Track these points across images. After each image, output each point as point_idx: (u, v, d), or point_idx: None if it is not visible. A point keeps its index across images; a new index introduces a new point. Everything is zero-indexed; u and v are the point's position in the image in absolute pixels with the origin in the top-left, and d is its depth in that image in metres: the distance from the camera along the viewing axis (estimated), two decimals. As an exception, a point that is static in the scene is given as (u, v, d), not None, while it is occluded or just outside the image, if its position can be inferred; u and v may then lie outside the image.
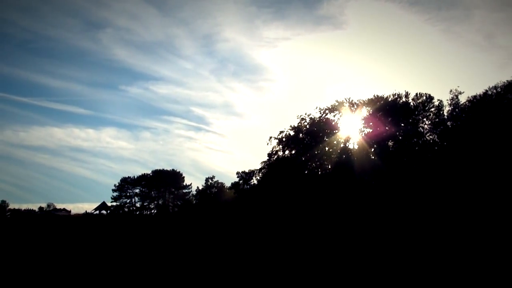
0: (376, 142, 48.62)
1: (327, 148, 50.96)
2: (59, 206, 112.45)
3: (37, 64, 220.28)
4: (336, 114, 51.77)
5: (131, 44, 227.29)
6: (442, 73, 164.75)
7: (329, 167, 51.24)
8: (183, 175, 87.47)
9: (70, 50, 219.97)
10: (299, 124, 53.41)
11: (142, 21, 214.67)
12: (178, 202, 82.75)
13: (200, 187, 75.80)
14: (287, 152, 54.88)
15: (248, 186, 63.67)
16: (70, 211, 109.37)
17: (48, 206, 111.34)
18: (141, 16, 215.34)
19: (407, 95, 49.28)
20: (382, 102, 49.93)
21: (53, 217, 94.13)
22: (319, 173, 52.47)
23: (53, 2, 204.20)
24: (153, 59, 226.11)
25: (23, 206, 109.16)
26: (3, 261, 51.30)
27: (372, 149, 49.07)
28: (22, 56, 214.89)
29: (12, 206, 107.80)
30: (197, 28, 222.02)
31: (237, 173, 65.41)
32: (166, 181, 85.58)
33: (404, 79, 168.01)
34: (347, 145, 50.20)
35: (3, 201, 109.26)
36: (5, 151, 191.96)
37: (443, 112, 47.51)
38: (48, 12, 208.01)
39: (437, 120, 47.33)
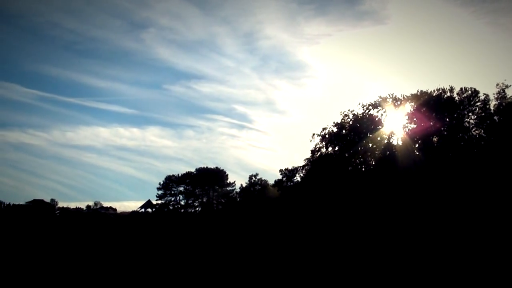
0: (420, 137, 49.35)
1: (370, 144, 52.03)
2: (106, 204, 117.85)
3: (83, 65, 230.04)
4: (379, 110, 52.73)
5: (174, 44, 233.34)
6: (488, 66, 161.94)
7: (373, 163, 52.34)
8: (227, 173, 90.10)
9: (115, 51, 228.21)
10: (342, 120, 54.68)
11: (184, 21, 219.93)
12: (222, 200, 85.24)
13: (244, 185, 78.32)
14: (330, 148, 56.15)
15: (291, 183, 65.33)
16: (116, 209, 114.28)
17: (95, 204, 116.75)
18: (183, 15, 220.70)
19: (451, 89, 49.69)
20: (426, 97, 50.50)
21: (100, 215, 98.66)
22: (363, 169, 53.66)
23: (98, 3, 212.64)
24: (195, 58, 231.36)
25: (72, 205, 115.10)
26: (54, 258, 55.11)
27: (416, 145, 49.85)
28: (69, 57, 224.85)
29: (61, 204, 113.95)
30: (239, 26, 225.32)
31: (280, 170, 67.25)
32: (210, 179, 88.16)
33: (449, 74, 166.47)
34: (390, 141, 51.11)
35: (52, 200, 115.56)
36: (53, 151, 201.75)
37: (489, 106, 47.65)
38: (93, 13, 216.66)
39: (483, 114, 47.51)
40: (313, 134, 56.62)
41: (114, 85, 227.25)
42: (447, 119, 48.78)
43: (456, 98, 49.07)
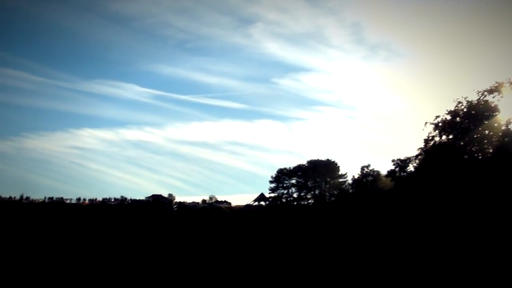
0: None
1: (486, 132, 51.76)
2: (220, 198, 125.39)
3: (194, 62, 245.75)
4: (495, 96, 52.19)
5: (281, 37, 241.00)
6: None
7: (490, 151, 52.06)
8: (338, 164, 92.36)
9: (224, 47, 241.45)
10: (456, 108, 54.70)
11: (291, 14, 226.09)
12: (334, 192, 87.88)
13: (356, 176, 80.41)
14: (444, 137, 56.46)
15: (404, 174, 66.42)
16: (230, 203, 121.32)
17: (211, 198, 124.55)
18: (290, 8, 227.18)
19: None
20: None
21: (215, 209, 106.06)
22: (479, 157, 53.46)
23: (207, 2, 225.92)
24: (303, 50, 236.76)
25: (188, 199, 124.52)
26: (171, 251, 61.24)
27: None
28: (180, 56, 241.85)
29: (178, 199, 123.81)
30: (345, 16, 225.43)
31: (393, 160, 68.16)
32: (322, 171, 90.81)
33: None
34: (509, 127, 50.50)
35: (170, 195, 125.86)
36: (169, 147, 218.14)
37: None
38: (203, 12, 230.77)
39: None
40: (426, 123, 57.09)
41: (224, 81, 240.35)
42: None
43: None
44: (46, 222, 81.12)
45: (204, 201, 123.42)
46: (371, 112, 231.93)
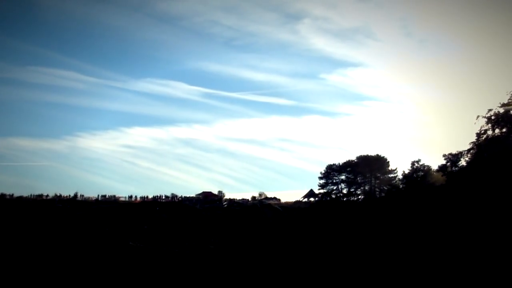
0: None
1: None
2: (269, 194, 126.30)
3: (241, 59, 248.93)
4: (551, 86, 50.89)
5: (329, 33, 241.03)
6: None
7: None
8: (388, 159, 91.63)
9: (271, 44, 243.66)
10: (509, 100, 53.79)
11: (338, 9, 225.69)
12: (384, 187, 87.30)
13: (406, 171, 79.62)
14: (497, 130, 55.52)
15: (456, 168, 65.51)
16: (280, 200, 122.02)
17: (260, 195, 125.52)
18: (337, 4, 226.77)
19: None
20: None
21: (265, 205, 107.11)
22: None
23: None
24: (351, 45, 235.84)
25: (238, 196, 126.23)
26: (223, 246, 62.81)
27: None
28: (228, 53, 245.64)
29: (227, 196, 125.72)
30: (393, 10, 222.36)
31: (444, 155, 67.24)
32: (371, 166, 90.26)
33: None
34: None
35: (220, 192, 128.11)
36: (218, 144, 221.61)
37: None
38: (249, 9, 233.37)
39: None
40: (478, 116, 56.44)
41: (272, 78, 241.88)
42: None
43: None
44: (100, 219, 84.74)
45: (253, 197, 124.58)
46: (420, 106, 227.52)
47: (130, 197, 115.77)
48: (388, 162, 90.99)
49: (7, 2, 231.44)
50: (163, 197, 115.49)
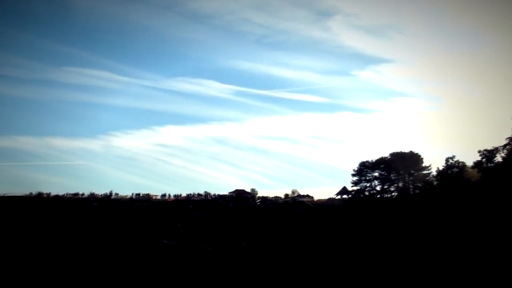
0: None
1: None
2: (302, 192, 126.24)
3: (273, 57, 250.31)
4: None
5: (361, 29, 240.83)
6: None
7: None
8: (421, 156, 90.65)
9: (303, 41, 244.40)
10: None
11: (369, 5, 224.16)
12: (418, 184, 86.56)
13: (440, 168, 79.02)
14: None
15: (492, 165, 64.86)
16: (313, 197, 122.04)
17: (293, 192, 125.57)
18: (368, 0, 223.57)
19: None
20: None
21: (298, 203, 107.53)
22: None
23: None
24: (383, 42, 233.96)
25: (270, 194, 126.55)
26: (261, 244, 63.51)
27: None
28: (259, 51, 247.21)
29: (260, 193, 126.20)
30: (426, 4, 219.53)
31: (479, 151, 66.70)
32: (405, 163, 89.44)
33: None
34: None
35: (253, 189, 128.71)
36: (250, 142, 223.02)
37: None
38: (281, 6, 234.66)
39: None
40: (515, 111, 56.05)
41: (303, 75, 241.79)
42: None
43: None
44: (134, 217, 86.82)
45: (286, 195, 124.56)
46: (454, 102, 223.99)
47: (164, 195, 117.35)
48: (422, 158, 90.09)
49: (42, 4, 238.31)
50: (196, 195, 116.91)
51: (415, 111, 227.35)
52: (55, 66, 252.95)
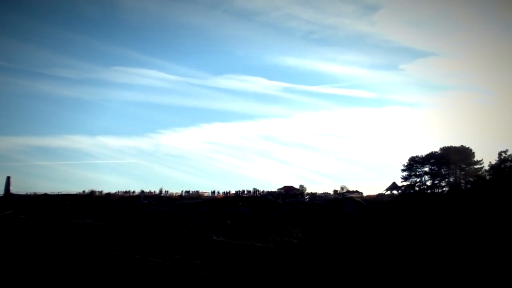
0: None
1: None
2: (351, 188, 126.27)
3: (320, 53, 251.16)
4: None
5: (408, 23, 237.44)
6: None
7: None
8: (473, 150, 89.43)
9: (349, 36, 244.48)
10: None
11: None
12: (470, 179, 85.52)
13: (493, 162, 77.98)
14: None
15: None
16: (362, 193, 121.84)
17: (342, 188, 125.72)
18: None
19: None
20: None
21: (347, 199, 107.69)
22: None
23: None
24: (431, 35, 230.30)
25: (319, 190, 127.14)
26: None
27: None
28: (306, 47, 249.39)
29: (309, 190, 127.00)
30: None
31: (534, 144, 66.27)
32: (456, 157, 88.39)
33: None
34: None
35: (301, 186, 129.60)
36: (298, 138, 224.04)
37: None
38: (327, 2, 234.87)
39: None
40: None
41: (351, 70, 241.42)
42: None
43: None
44: (184, 214, 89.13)
45: (335, 191, 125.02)
46: (507, 95, 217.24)
47: (213, 192, 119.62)
48: (473, 152, 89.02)
49: (92, 5, 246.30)
50: (245, 192, 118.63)
51: (466, 104, 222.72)
52: (105, 66, 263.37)
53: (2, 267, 48.86)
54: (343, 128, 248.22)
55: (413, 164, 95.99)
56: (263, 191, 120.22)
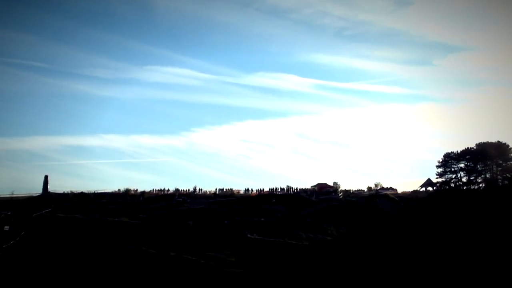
0: None
1: None
2: (385, 184, 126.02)
3: (353, 49, 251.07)
4: None
5: (441, 17, 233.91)
6: None
7: None
8: (510, 146, 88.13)
9: (382, 32, 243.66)
10: None
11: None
12: (507, 175, 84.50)
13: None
14: None
15: None
16: (396, 190, 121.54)
17: (376, 185, 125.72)
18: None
19: None
20: None
21: (382, 196, 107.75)
22: None
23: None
24: (463, 29, 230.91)
25: (353, 187, 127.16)
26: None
27: None
28: (339, 43, 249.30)
29: (342, 187, 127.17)
30: None
31: None
32: (492, 153, 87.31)
33: None
34: None
35: (335, 183, 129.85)
36: (330, 136, 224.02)
37: None
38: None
39: None
40: None
41: (384, 66, 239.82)
42: None
43: None
44: (218, 212, 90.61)
45: (369, 188, 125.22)
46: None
47: (247, 190, 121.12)
48: (510, 148, 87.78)
49: (125, 5, 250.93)
50: (279, 190, 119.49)
51: (502, 99, 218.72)
52: (138, 65, 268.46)
53: (42, 263, 50.97)
54: (376, 124, 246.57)
55: (448, 160, 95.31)
56: (296, 189, 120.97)
